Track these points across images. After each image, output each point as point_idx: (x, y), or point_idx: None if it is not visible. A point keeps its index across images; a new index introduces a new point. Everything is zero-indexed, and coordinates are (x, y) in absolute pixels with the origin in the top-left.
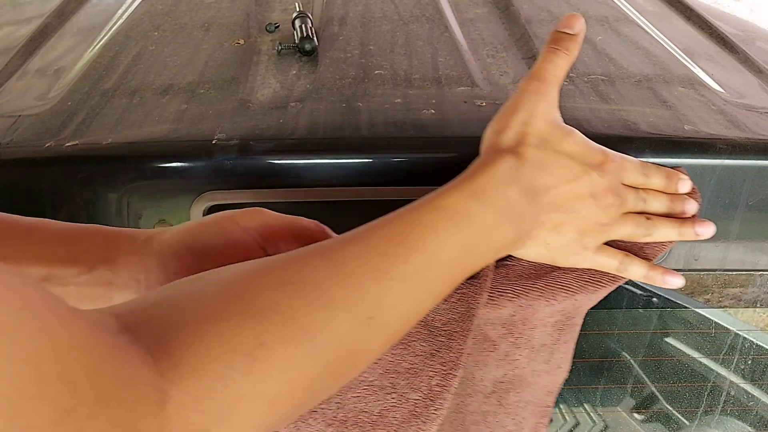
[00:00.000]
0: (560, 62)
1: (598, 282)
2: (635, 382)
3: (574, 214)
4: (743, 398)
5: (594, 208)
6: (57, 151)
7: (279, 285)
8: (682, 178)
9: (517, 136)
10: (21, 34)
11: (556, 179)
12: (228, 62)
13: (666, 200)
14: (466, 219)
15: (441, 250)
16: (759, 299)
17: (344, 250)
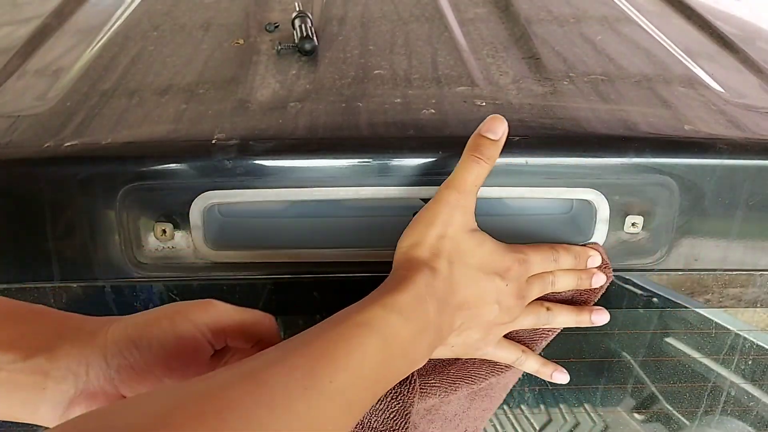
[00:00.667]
0: (480, 171)
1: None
2: (635, 382)
3: (478, 319)
4: (744, 398)
5: (497, 312)
6: (56, 152)
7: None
8: (591, 255)
9: (433, 250)
10: (20, 34)
11: (465, 291)
12: (227, 62)
13: (574, 277)
14: (390, 335)
15: (364, 366)
16: (759, 299)
17: (272, 370)
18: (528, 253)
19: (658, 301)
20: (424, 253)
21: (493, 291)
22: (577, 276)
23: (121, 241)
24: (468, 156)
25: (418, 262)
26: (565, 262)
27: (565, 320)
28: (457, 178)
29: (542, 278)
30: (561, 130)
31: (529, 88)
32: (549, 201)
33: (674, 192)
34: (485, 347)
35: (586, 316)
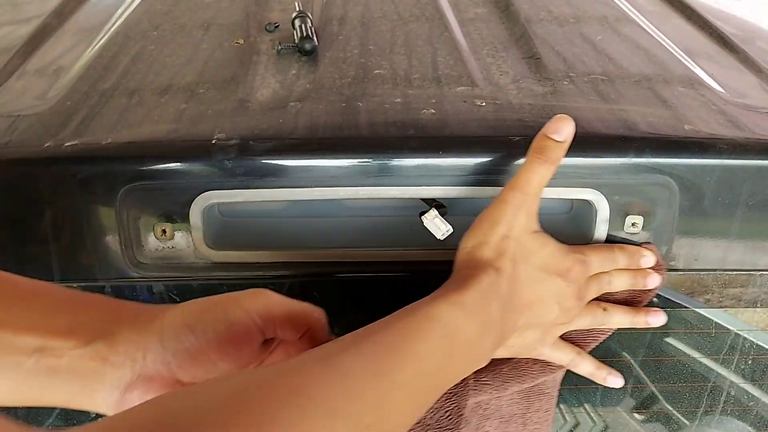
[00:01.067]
0: (545, 173)
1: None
2: (635, 382)
3: (538, 319)
4: (743, 398)
5: (557, 312)
6: (56, 151)
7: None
8: (645, 255)
9: (497, 251)
10: (20, 33)
11: (528, 292)
12: (227, 62)
13: (629, 277)
14: (455, 331)
15: (431, 358)
16: (759, 299)
17: (343, 357)
18: (588, 253)
19: (658, 301)
20: (488, 253)
21: (554, 292)
22: (633, 276)
23: (121, 241)
24: (533, 157)
25: (482, 261)
26: (621, 261)
27: (621, 320)
28: (521, 180)
29: (599, 278)
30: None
31: (529, 88)
32: (549, 201)
33: (674, 192)
34: (542, 348)
35: (642, 317)
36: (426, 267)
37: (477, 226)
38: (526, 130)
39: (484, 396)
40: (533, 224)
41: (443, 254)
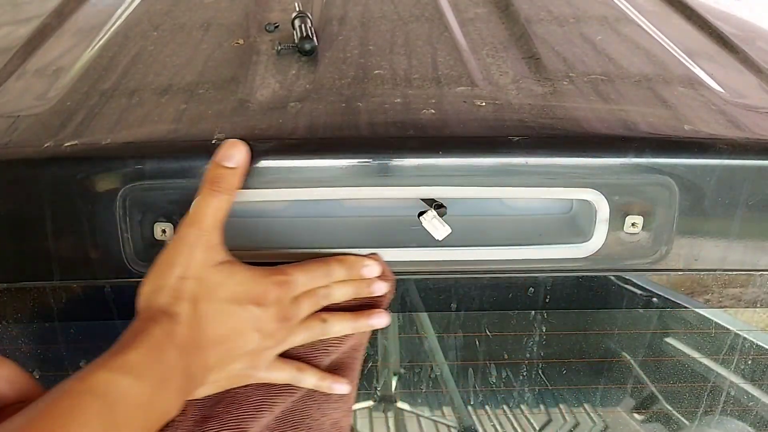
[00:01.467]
0: (219, 204)
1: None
2: (635, 382)
3: (239, 350)
4: (743, 398)
5: (259, 340)
6: (56, 152)
7: None
8: (367, 264)
9: (173, 294)
10: (20, 34)
11: (217, 328)
12: (227, 62)
13: (351, 288)
14: (116, 398)
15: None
16: (759, 299)
17: None
18: (290, 273)
19: (658, 301)
20: (163, 298)
21: (249, 320)
22: (356, 286)
23: (121, 241)
24: (205, 189)
25: (156, 309)
26: (339, 273)
27: (343, 328)
28: (195, 214)
29: (314, 293)
30: (561, 130)
31: (529, 88)
32: (549, 201)
33: (674, 192)
34: (255, 373)
35: (363, 320)
36: (426, 267)
37: (153, 268)
38: (526, 130)
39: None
40: (215, 257)
41: (443, 254)
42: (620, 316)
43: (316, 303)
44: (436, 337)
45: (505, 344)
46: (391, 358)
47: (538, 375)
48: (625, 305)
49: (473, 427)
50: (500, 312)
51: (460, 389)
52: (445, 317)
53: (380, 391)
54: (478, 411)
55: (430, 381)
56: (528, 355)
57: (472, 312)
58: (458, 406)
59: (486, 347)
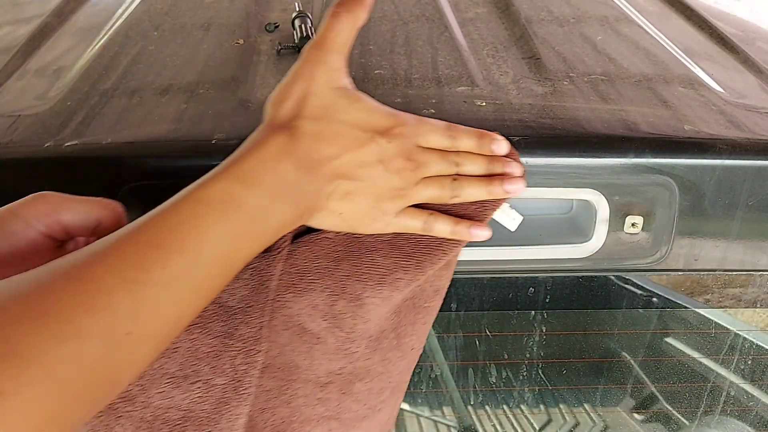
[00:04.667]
0: (342, 28)
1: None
2: (635, 382)
3: (362, 182)
4: (743, 398)
5: (384, 174)
6: (57, 151)
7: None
8: (497, 139)
9: (295, 109)
10: (20, 33)
11: (336, 149)
12: (228, 62)
13: (483, 162)
14: (233, 207)
15: (206, 245)
16: (759, 299)
17: (93, 266)
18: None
19: (658, 301)
20: (284, 112)
21: (373, 149)
22: (488, 161)
23: None
24: (331, 11)
25: (276, 122)
26: (465, 142)
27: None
28: (319, 36)
29: (443, 156)
30: (561, 130)
31: (529, 88)
32: (549, 201)
33: (674, 192)
34: (383, 216)
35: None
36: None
37: (278, 86)
38: (526, 130)
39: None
40: (337, 80)
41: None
42: (620, 316)
43: (446, 167)
44: (436, 337)
45: (505, 344)
46: None
47: (538, 375)
48: (625, 305)
49: (473, 427)
50: (500, 312)
51: (460, 389)
52: (445, 317)
53: None
54: (478, 411)
55: (430, 381)
56: (528, 355)
57: (472, 312)
58: (458, 406)
59: (486, 347)
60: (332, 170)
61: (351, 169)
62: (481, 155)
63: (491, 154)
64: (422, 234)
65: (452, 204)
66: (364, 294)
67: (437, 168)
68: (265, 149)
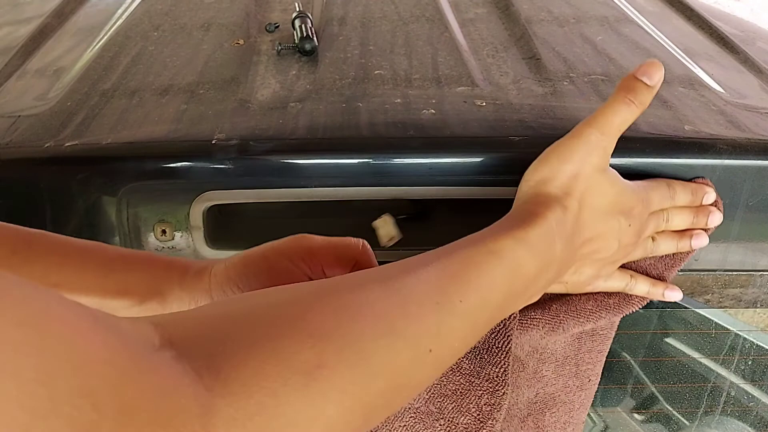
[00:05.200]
0: (629, 117)
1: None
2: (635, 382)
3: (596, 255)
4: (743, 399)
5: (615, 250)
6: (56, 152)
7: (339, 309)
8: (708, 192)
9: (565, 188)
10: (20, 34)
11: (591, 229)
12: (228, 62)
13: (689, 215)
14: (516, 267)
15: (492, 292)
16: (759, 300)
17: (404, 280)
18: (647, 190)
19: (658, 301)
20: (555, 189)
21: (616, 230)
22: (693, 213)
23: (122, 242)
24: (620, 96)
25: (548, 198)
26: (682, 198)
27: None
28: (602, 118)
29: (658, 216)
30: (561, 130)
31: (529, 89)
32: None
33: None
34: (595, 282)
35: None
36: None
37: (544, 159)
38: (526, 131)
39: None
40: (605, 163)
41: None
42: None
43: (657, 225)
44: None
45: None
46: None
47: None
48: None
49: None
50: None
51: None
52: None
53: None
54: None
55: None
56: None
57: None
58: None
59: None
60: (583, 250)
61: (595, 247)
62: (688, 208)
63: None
64: None
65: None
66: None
67: (653, 230)
68: (546, 223)
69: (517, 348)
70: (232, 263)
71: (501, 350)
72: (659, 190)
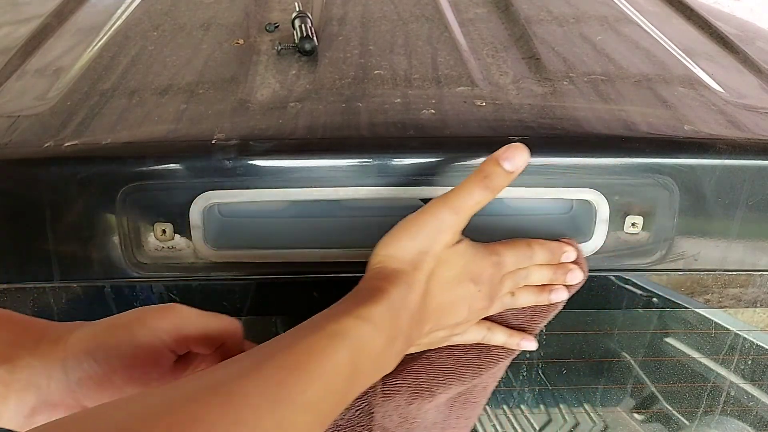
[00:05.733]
0: (482, 200)
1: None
2: (635, 382)
3: (449, 322)
4: (743, 398)
5: (465, 315)
6: (56, 152)
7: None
8: (566, 250)
9: (413, 265)
10: (20, 34)
11: (439, 299)
12: (227, 62)
13: (548, 272)
14: (361, 347)
15: (337, 376)
16: (759, 299)
17: (240, 384)
18: (503, 254)
19: (658, 301)
20: (403, 266)
21: (465, 297)
22: (552, 271)
23: (121, 241)
24: (476, 180)
25: (395, 274)
26: (540, 257)
27: (526, 300)
28: (456, 199)
29: (515, 274)
30: (561, 130)
31: (529, 88)
32: (549, 201)
33: (674, 192)
34: (452, 338)
35: (545, 295)
36: None
37: (395, 235)
38: (526, 131)
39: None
40: (455, 239)
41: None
42: (620, 316)
43: (516, 283)
44: None
45: None
46: None
47: (538, 375)
48: (625, 305)
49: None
50: None
51: None
52: None
53: None
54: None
55: None
56: (528, 355)
57: None
58: None
59: None
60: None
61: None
62: (548, 266)
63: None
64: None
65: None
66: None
67: (508, 290)
68: (389, 298)
69: (386, 419)
70: (92, 332)
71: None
72: (516, 251)
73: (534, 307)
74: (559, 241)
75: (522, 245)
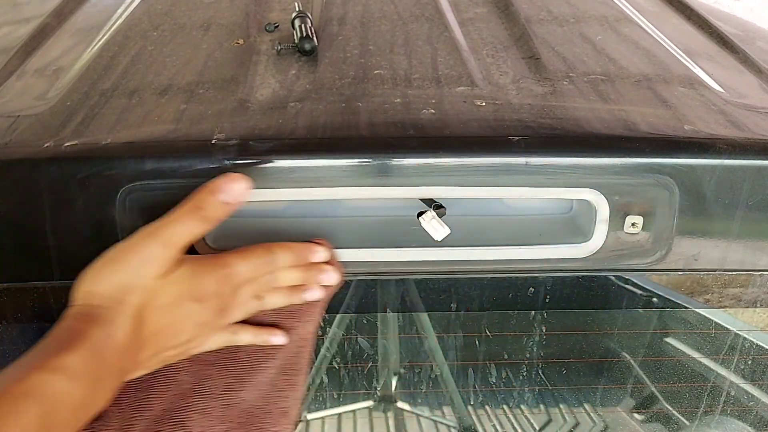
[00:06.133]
0: (195, 231)
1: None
2: (635, 382)
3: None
4: (743, 398)
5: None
6: (56, 151)
7: None
8: (315, 251)
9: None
10: (20, 34)
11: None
12: (227, 62)
13: (298, 273)
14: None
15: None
16: (759, 299)
17: None
18: (232, 264)
19: (658, 301)
20: (105, 302)
21: (187, 316)
22: (302, 271)
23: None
24: (188, 211)
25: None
26: (284, 260)
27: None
28: (165, 231)
29: (257, 281)
30: (561, 130)
31: (529, 88)
32: (549, 201)
33: (674, 192)
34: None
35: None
36: (426, 267)
37: (97, 268)
38: (526, 130)
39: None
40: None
41: (443, 254)
42: (620, 316)
43: (259, 289)
44: (436, 337)
45: (505, 344)
46: (391, 358)
47: (538, 375)
48: (625, 305)
49: (473, 428)
50: (500, 312)
51: (460, 389)
52: (445, 317)
53: (380, 391)
54: (478, 411)
55: (430, 381)
56: (528, 355)
57: (472, 312)
58: (458, 406)
59: (486, 347)
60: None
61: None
62: (298, 267)
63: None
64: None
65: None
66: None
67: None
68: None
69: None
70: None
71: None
72: (251, 259)
73: (290, 306)
74: (309, 241)
75: (260, 251)
